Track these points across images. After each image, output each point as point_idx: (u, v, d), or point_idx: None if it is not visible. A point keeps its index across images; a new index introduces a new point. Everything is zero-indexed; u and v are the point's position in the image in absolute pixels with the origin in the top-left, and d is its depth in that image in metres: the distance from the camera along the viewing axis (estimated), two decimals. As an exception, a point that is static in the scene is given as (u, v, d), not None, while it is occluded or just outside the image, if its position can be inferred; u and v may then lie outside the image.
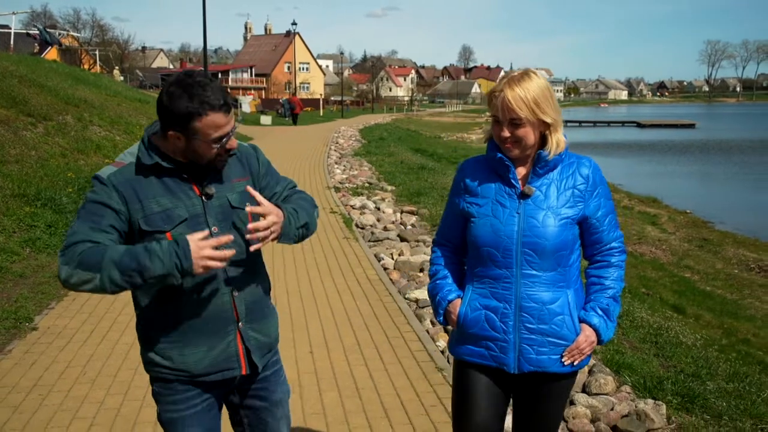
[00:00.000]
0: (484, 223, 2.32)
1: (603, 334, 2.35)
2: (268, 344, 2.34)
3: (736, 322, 9.47)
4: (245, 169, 2.32)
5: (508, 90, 2.22)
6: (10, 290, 6.43)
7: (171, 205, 2.14)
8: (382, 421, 3.92)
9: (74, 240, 2.04)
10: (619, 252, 2.41)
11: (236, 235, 2.18)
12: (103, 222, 2.07)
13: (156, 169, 2.15)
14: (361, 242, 8.80)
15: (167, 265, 1.97)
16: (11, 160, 10.63)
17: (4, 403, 4.12)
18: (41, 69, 20.58)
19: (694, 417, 4.15)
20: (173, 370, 2.19)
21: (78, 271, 1.99)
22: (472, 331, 2.36)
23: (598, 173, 2.38)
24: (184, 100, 2.03)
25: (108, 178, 2.12)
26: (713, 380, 4.79)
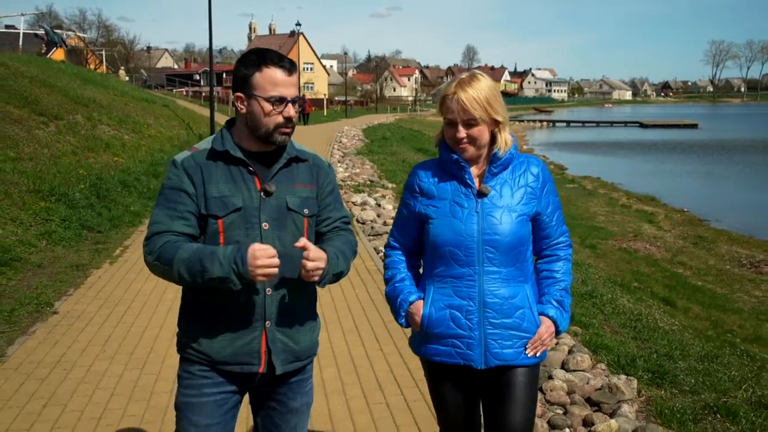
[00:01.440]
0: (443, 223, 2.37)
1: (560, 324, 2.44)
2: (296, 352, 2.31)
3: (724, 314, 9.82)
4: (312, 179, 2.35)
5: (461, 92, 2.29)
6: (30, 279, 6.83)
7: (229, 192, 2.19)
8: (376, 393, 4.31)
9: (156, 230, 2.17)
10: (566, 246, 2.51)
11: (285, 236, 2.23)
12: (179, 207, 2.18)
13: (225, 156, 2.22)
14: (362, 236, 9.19)
15: (225, 269, 2.04)
16: (26, 158, 11.05)
17: (32, 377, 4.52)
18: (50, 69, 21.01)
19: (663, 391, 4.52)
20: (198, 353, 2.24)
21: (157, 263, 2.14)
22: (437, 331, 2.40)
23: (546, 171, 2.46)
24: (250, 60, 2.18)
25: (181, 162, 2.23)
26: (685, 360, 5.17)
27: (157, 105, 25.87)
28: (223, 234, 2.19)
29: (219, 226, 2.18)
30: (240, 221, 2.19)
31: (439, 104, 2.38)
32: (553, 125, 73.33)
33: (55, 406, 4.10)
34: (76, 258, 7.74)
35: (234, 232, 2.19)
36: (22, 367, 4.68)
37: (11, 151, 10.97)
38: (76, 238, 8.59)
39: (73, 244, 8.33)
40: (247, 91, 2.17)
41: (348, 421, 3.95)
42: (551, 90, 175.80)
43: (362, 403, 4.18)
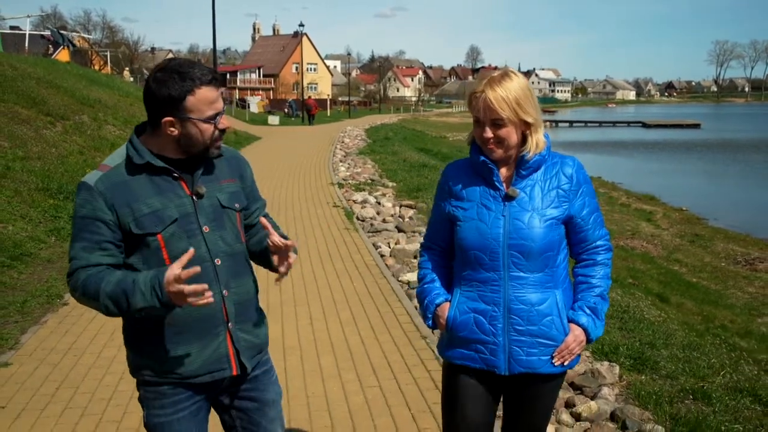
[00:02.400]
0: (470, 226, 2.32)
1: (592, 333, 2.36)
2: (258, 345, 2.33)
3: (716, 309, 10.03)
4: (234, 172, 2.32)
5: (489, 90, 2.22)
6: (41, 272, 7.10)
7: (160, 205, 2.11)
8: (371, 377, 4.56)
9: (75, 267, 2.08)
10: (605, 250, 2.42)
11: (227, 236, 2.21)
12: (95, 238, 2.07)
13: (146, 168, 2.12)
14: (361, 233, 9.43)
15: (148, 299, 1.97)
16: (34, 157, 11.32)
17: (45, 362, 4.77)
18: (56, 71, 21.30)
19: (643, 376, 4.76)
20: (162, 373, 2.16)
21: (83, 298, 2.07)
22: (462, 335, 2.36)
23: (581, 172, 2.37)
24: (173, 81, 2.03)
25: (94, 184, 2.08)
26: (668, 349, 5.40)
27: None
28: (165, 249, 2.11)
29: (159, 241, 2.10)
30: (180, 231, 2.12)
31: (468, 102, 2.31)
32: (556, 125, 73.44)
33: (68, 389, 4.35)
34: (84, 253, 7.99)
35: (176, 244, 2.11)
36: (36, 353, 4.94)
37: (20, 150, 11.24)
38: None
39: (81, 240, 8.58)
40: (179, 115, 2.06)
41: (343, 402, 4.20)
42: (555, 90, 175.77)
43: (357, 386, 4.43)
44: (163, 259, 2.10)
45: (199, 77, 2.05)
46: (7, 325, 5.49)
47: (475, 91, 2.27)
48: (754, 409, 4.36)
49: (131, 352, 2.23)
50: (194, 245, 2.11)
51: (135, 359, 2.22)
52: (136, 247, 2.12)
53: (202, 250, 2.14)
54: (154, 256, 2.11)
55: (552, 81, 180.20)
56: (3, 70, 16.05)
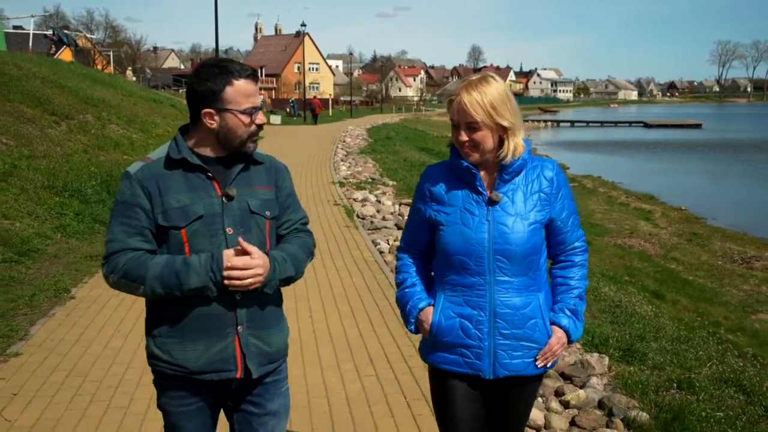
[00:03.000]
0: (453, 231, 2.32)
1: (573, 334, 2.40)
2: (269, 354, 2.32)
3: (711, 306, 10.18)
4: (271, 180, 2.36)
5: (464, 94, 2.24)
6: (48, 268, 7.27)
7: (189, 201, 2.17)
8: (368, 367, 4.73)
9: (114, 249, 2.17)
10: (582, 251, 2.45)
11: (250, 240, 2.22)
12: (134, 223, 2.17)
13: (182, 164, 2.20)
14: (361, 230, 9.61)
15: (203, 278, 2.09)
16: (39, 156, 11.51)
17: (55, 352, 4.95)
18: (60, 70, 21.50)
19: (632, 367, 4.92)
20: (171, 365, 2.23)
21: (123, 281, 2.15)
22: (447, 339, 2.36)
23: (561, 175, 2.39)
24: (213, 74, 2.15)
25: (135, 173, 2.19)
26: (657, 341, 5.56)
27: (164, 105, 26.40)
28: (187, 243, 2.18)
29: (182, 236, 2.17)
30: (203, 229, 2.18)
31: (447, 105, 2.35)
32: (558, 125, 73.60)
33: (77, 377, 4.53)
34: (89, 249, 8.18)
35: (198, 241, 2.18)
36: (45, 344, 5.11)
37: (26, 149, 11.43)
38: (89, 231, 9.03)
39: (87, 237, 8.77)
40: (218, 105, 2.16)
41: (341, 390, 4.37)
42: (557, 90, 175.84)
43: (354, 375, 4.60)
44: (184, 254, 2.17)
45: (238, 70, 2.16)
46: (17, 318, 5.66)
47: (451, 94, 2.30)
48: (737, 398, 4.53)
49: (148, 341, 2.29)
50: (215, 245, 2.17)
51: (150, 348, 2.28)
52: (163, 239, 2.20)
53: (222, 251, 2.17)
54: (176, 250, 2.17)
55: (554, 81, 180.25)
56: (8, 69, 16.25)
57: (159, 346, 2.24)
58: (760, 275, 12.74)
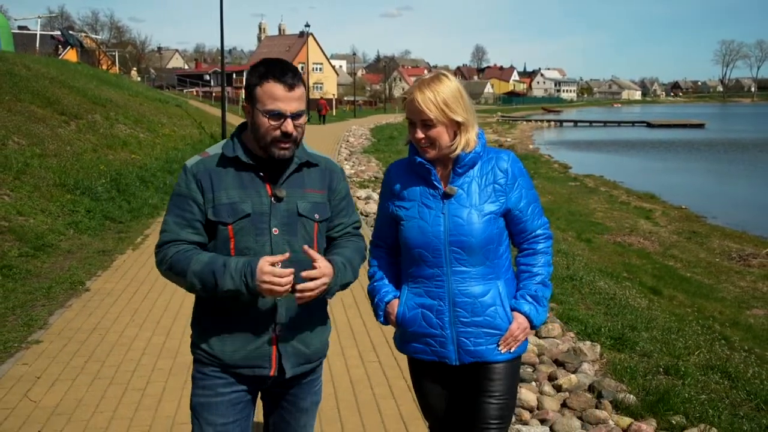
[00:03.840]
0: (412, 225, 2.41)
1: (534, 320, 2.45)
2: (306, 355, 2.35)
3: (706, 302, 10.39)
4: (324, 183, 2.37)
5: (417, 92, 2.32)
6: (62, 262, 7.54)
7: (238, 198, 2.21)
8: (371, 353, 4.98)
9: (166, 239, 2.24)
10: (545, 238, 2.51)
11: (295, 242, 2.25)
12: (187, 216, 2.23)
13: (236, 162, 2.24)
14: (365, 227, 9.86)
15: (237, 283, 2.11)
16: (50, 154, 11.78)
17: (73, 340, 5.21)
18: (68, 71, 21.80)
19: (622, 354, 5.16)
20: (210, 355, 2.28)
21: (169, 273, 2.22)
22: (411, 330, 2.47)
23: (516, 165, 2.45)
24: (257, 71, 2.20)
25: (191, 167, 2.26)
26: (648, 331, 5.80)
27: (170, 105, 26.66)
28: (233, 240, 2.22)
29: (229, 232, 2.22)
30: (250, 227, 2.22)
31: (403, 105, 2.42)
32: (561, 125, 73.76)
33: (95, 362, 4.78)
34: (101, 245, 8.44)
35: (244, 238, 2.22)
36: (63, 332, 5.37)
37: (37, 148, 11.70)
38: (100, 228, 9.30)
39: (98, 233, 9.04)
40: (251, 102, 2.21)
41: (345, 375, 4.61)
42: (560, 90, 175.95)
43: (358, 361, 4.85)
44: (229, 250, 2.22)
45: (274, 72, 2.17)
46: (35, 308, 5.93)
47: (406, 93, 2.39)
48: (722, 383, 4.77)
49: (193, 330, 2.36)
50: (259, 244, 2.22)
51: (194, 337, 2.35)
52: (211, 233, 2.25)
53: (265, 250, 2.21)
54: (222, 245, 2.23)
55: (557, 81, 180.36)
56: (18, 70, 16.54)
57: (201, 335, 2.31)
58: (757, 272, 12.94)
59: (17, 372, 4.59)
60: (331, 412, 4.06)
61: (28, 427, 3.83)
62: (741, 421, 4.04)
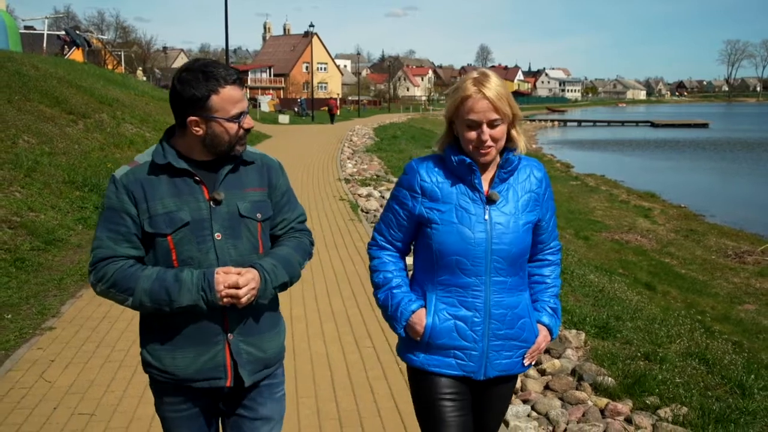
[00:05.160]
0: (449, 230, 2.23)
1: (554, 332, 2.43)
2: (263, 360, 2.26)
3: (699, 297, 10.62)
4: (263, 180, 2.28)
5: (486, 90, 2.16)
6: (72, 256, 7.83)
7: (175, 207, 2.11)
8: (366, 339, 5.25)
9: (102, 256, 2.12)
10: (558, 251, 2.47)
11: (240, 245, 2.18)
12: (122, 230, 2.11)
13: (168, 169, 2.13)
14: (365, 223, 10.14)
15: (194, 297, 2.04)
16: (59, 152, 12.09)
17: (84, 327, 5.50)
18: (75, 71, 22.15)
19: (606, 342, 5.42)
20: (162, 372, 2.20)
21: (112, 290, 2.10)
22: (441, 342, 2.29)
23: (547, 175, 2.38)
24: (197, 81, 2.04)
25: (120, 178, 2.13)
26: (633, 321, 6.06)
27: (176, 104, 26.96)
28: (174, 251, 2.13)
29: (169, 243, 2.12)
30: (190, 235, 2.12)
31: (456, 106, 2.21)
32: (565, 125, 73.94)
33: (106, 347, 5.07)
34: (109, 240, 8.73)
35: (185, 247, 2.12)
36: (75, 320, 5.66)
37: (46, 146, 12.01)
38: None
39: (106, 229, 9.33)
40: (204, 114, 2.08)
41: (342, 358, 4.89)
42: (565, 90, 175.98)
43: (354, 347, 5.12)
44: (171, 262, 2.13)
45: (224, 77, 2.07)
46: (48, 298, 6.22)
47: (467, 94, 2.17)
48: (699, 369, 5.02)
49: (142, 348, 2.26)
50: (203, 252, 2.13)
51: (143, 354, 2.25)
52: (149, 245, 2.15)
53: (210, 258, 2.13)
54: (163, 257, 2.13)
55: (562, 80, 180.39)
56: (27, 70, 16.87)
57: (150, 353, 2.21)
58: (751, 269, 13.16)
59: (33, 356, 4.88)
60: (326, 392, 4.34)
61: (45, 405, 4.11)
62: (711, 401, 4.30)
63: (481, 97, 2.15)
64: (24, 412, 4.01)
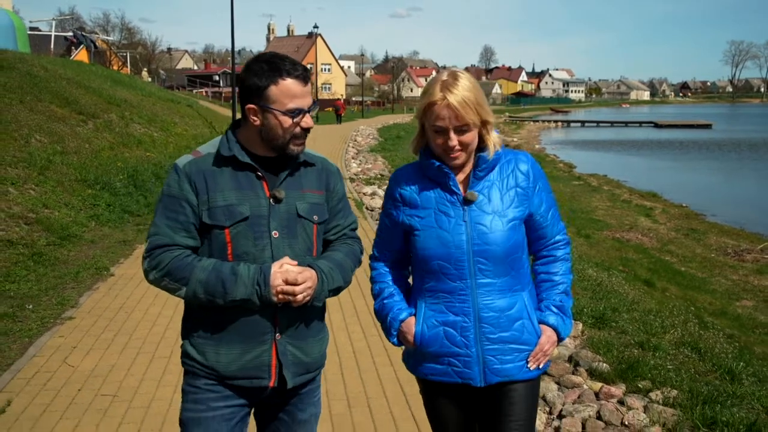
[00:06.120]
0: (429, 235, 2.21)
1: (562, 332, 2.30)
2: (306, 364, 2.24)
3: (698, 294, 10.84)
4: (321, 183, 2.26)
5: (451, 96, 2.10)
6: (86, 251, 8.09)
7: (236, 201, 2.10)
8: (372, 328, 5.49)
9: (158, 243, 2.10)
10: (564, 245, 2.35)
11: (296, 245, 2.16)
12: (181, 218, 2.10)
13: (232, 162, 2.12)
14: (369, 220, 10.38)
15: (248, 290, 2.02)
16: (71, 151, 12.36)
17: (102, 317, 5.75)
18: (83, 72, 22.42)
19: (602, 331, 5.64)
20: (204, 367, 2.16)
21: (166, 279, 2.08)
22: (432, 350, 2.25)
23: (536, 167, 2.28)
24: (262, 70, 2.06)
25: (183, 167, 2.12)
26: (629, 313, 6.28)
27: (182, 105, 27.30)
28: (230, 244, 2.11)
29: (226, 236, 2.10)
30: (248, 231, 2.10)
31: (423, 111, 2.18)
32: (568, 125, 74.11)
33: (124, 335, 5.32)
34: (121, 236, 8.99)
35: (242, 242, 2.11)
36: (93, 311, 5.91)
37: (58, 145, 12.28)
38: (120, 220, 9.86)
39: (118, 225, 9.60)
40: (262, 103, 2.08)
41: (349, 346, 5.13)
42: (568, 90, 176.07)
43: (360, 335, 5.36)
44: (226, 255, 2.11)
45: (287, 69, 2.06)
46: (66, 290, 6.48)
47: (432, 100, 2.14)
48: (690, 357, 5.24)
49: (184, 340, 2.24)
50: (258, 248, 2.11)
51: (185, 347, 2.22)
52: (205, 237, 2.14)
53: (266, 255, 2.11)
54: (219, 250, 2.12)
55: (566, 81, 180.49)
56: (37, 71, 17.14)
57: (194, 345, 2.18)
58: (750, 266, 13.36)
59: (55, 343, 5.13)
60: (335, 377, 4.57)
61: (69, 386, 4.36)
62: (700, 385, 4.52)
63: (446, 104, 2.11)
64: (50, 393, 4.26)
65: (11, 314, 5.67)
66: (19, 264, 7.07)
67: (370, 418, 3.99)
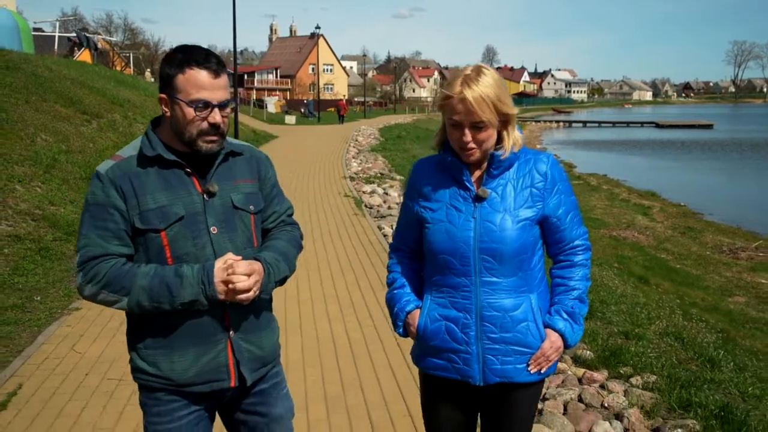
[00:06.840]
0: (438, 228, 2.20)
1: (569, 339, 2.24)
2: (262, 358, 2.21)
3: (691, 290, 11.03)
4: (253, 172, 2.22)
5: (468, 91, 2.06)
6: (92, 246, 8.31)
7: (167, 201, 2.02)
8: (367, 319, 5.71)
9: (91, 254, 2.00)
10: (584, 250, 2.30)
11: (236, 238, 2.11)
12: (111, 226, 2.00)
13: (157, 161, 2.04)
14: (368, 218, 10.61)
15: (195, 291, 1.96)
16: (76, 151, 12.60)
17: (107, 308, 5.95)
18: (87, 72, 22.66)
19: (589, 322, 5.84)
20: (159, 378, 2.08)
21: (104, 292, 1.98)
22: (433, 344, 2.25)
23: (556, 169, 2.24)
24: (176, 59, 1.99)
25: (106, 173, 2.03)
26: (617, 305, 6.49)
27: (185, 105, 27.50)
28: (168, 247, 2.03)
29: (162, 239, 2.02)
30: (185, 230, 2.03)
31: (441, 104, 2.16)
32: (570, 125, 74.28)
33: (129, 325, 5.54)
34: (126, 232, 9.22)
35: (180, 243, 2.03)
36: (99, 302, 6.13)
37: (63, 144, 12.52)
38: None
39: (122, 222, 9.83)
40: (170, 93, 2.00)
41: (345, 335, 5.35)
42: (571, 91, 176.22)
43: (356, 325, 5.58)
44: (165, 259, 2.03)
45: (196, 59, 1.98)
46: (72, 283, 6.70)
47: (450, 92, 2.10)
48: (673, 345, 5.45)
49: (132, 354, 2.14)
50: (198, 247, 2.05)
51: (134, 361, 2.13)
52: (141, 242, 2.05)
53: (207, 252, 2.05)
54: (156, 254, 2.04)
55: (568, 82, 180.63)
56: (41, 72, 17.37)
57: (144, 358, 2.09)
58: (744, 264, 13.55)
59: (63, 332, 5.35)
60: (331, 363, 4.79)
61: (78, 371, 4.59)
62: (680, 371, 4.72)
63: (461, 99, 2.07)
64: (59, 378, 4.48)
65: (20, 305, 5.90)
66: (27, 258, 7.30)
67: (362, 400, 4.21)
